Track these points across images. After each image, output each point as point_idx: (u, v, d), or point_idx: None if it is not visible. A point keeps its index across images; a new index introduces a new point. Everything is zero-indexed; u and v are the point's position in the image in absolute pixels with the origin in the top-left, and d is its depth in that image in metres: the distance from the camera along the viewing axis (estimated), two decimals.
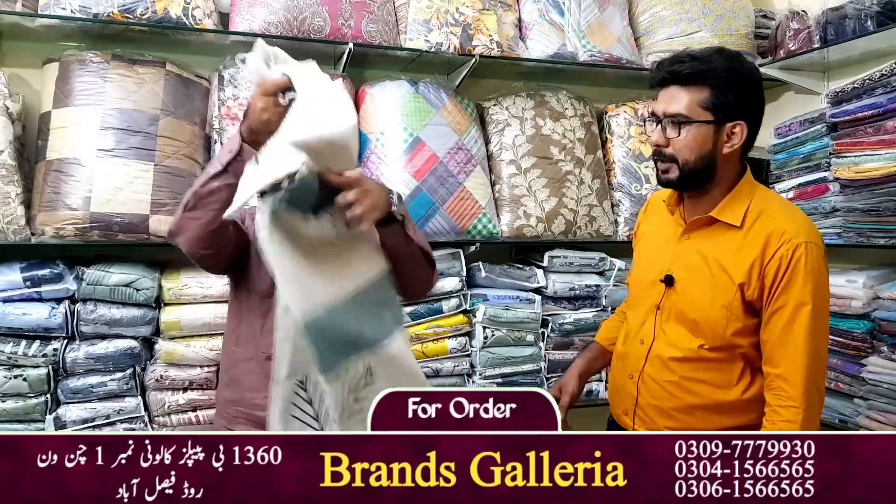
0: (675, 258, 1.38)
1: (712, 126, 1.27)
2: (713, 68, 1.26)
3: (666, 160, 1.31)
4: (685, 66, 1.27)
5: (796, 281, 1.25)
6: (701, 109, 1.26)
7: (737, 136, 1.28)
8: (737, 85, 1.28)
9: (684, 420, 1.34)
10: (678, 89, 1.28)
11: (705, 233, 1.35)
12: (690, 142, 1.27)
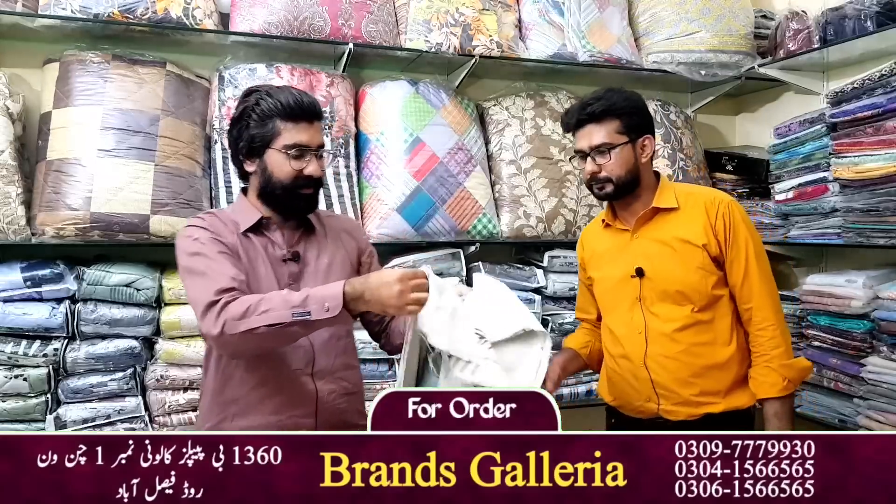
0: (634, 255, 1.62)
1: (630, 145, 1.59)
2: (614, 102, 1.59)
3: (601, 182, 1.60)
4: (595, 107, 1.59)
5: (739, 231, 1.57)
6: (617, 135, 1.58)
7: (648, 146, 1.62)
8: (636, 110, 1.62)
9: (700, 383, 1.55)
10: (594, 126, 1.59)
11: (651, 225, 1.62)
12: (618, 161, 1.58)
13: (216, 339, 1.23)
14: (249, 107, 1.39)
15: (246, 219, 1.40)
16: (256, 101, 1.38)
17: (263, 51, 2.24)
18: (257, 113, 1.38)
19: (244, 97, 1.42)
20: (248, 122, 1.38)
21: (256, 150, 1.38)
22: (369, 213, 2.25)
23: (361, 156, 2.31)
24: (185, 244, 1.35)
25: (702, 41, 2.56)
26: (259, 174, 1.40)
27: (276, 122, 1.37)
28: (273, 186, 1.38)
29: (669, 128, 2.65)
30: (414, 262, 2.27)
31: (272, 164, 1.38)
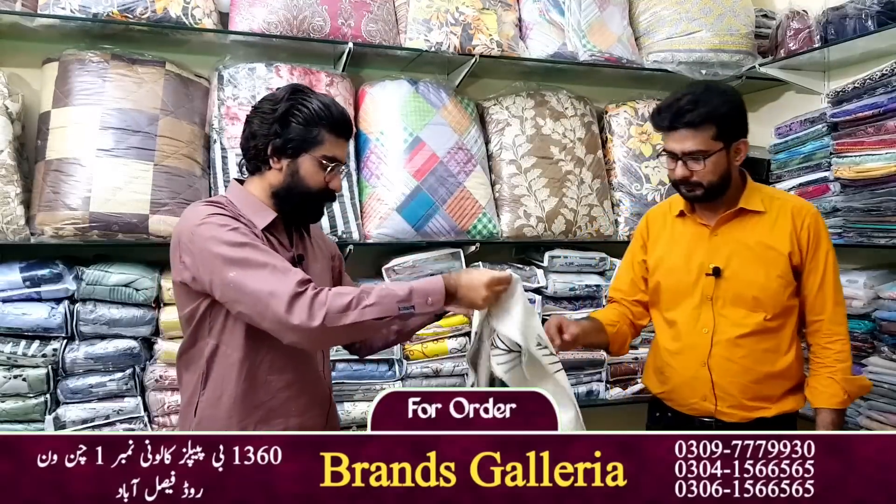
0: (711, 253, 1.59)
1: (724, 151, 1.52)
2: (715, 109, 1.50)
3: (692, 186, 1.55)
4: (693, 115, 1.50)
5: (822, 243, 1.56)
6: (713, 142, 1.51)
7: (742, 150, 1.56)
8: (732, 113, 1.53)
9: (758, 389, 1.56)
10: (688, 132, 1.51)
11: (733, 225, 1.58)
12: (711, 168, 1.52)
13: (312, 331, 1.19)
14: (296, 106, 1.35)
15: (261, 217, 1.37)
16: (303, 103, 1.36)
17: (263, 50, 2.23)
18: (304, 115, 1.35)
19: (291, 94, 1.38)
20: (290, 121, 1.35)
21: (291, 151, 1.36)
22: (369, 212, 2.24)
23: (361, 155, 2.31)
24: (219, 233, 1.26)
25: (702, 40, 2.56)
26: (284, 175, 1.37)
27: (322, 131, 1.36)
28: (297, 191, 1.37)
29: None
30: (413, 262, 2.27)
31: (305, 170, 1.36)
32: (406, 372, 2.21)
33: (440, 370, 2.26)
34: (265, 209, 1.38)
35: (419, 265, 2.28)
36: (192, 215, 1.32)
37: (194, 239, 1.28)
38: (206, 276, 1.27)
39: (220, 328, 1.33)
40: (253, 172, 1.41)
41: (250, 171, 1.42)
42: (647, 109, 2.66)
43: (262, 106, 1.38)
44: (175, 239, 1.34)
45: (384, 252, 2.37)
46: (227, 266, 1.24)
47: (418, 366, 2.23)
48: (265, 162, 1.37)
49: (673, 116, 1.52)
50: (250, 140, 1.38)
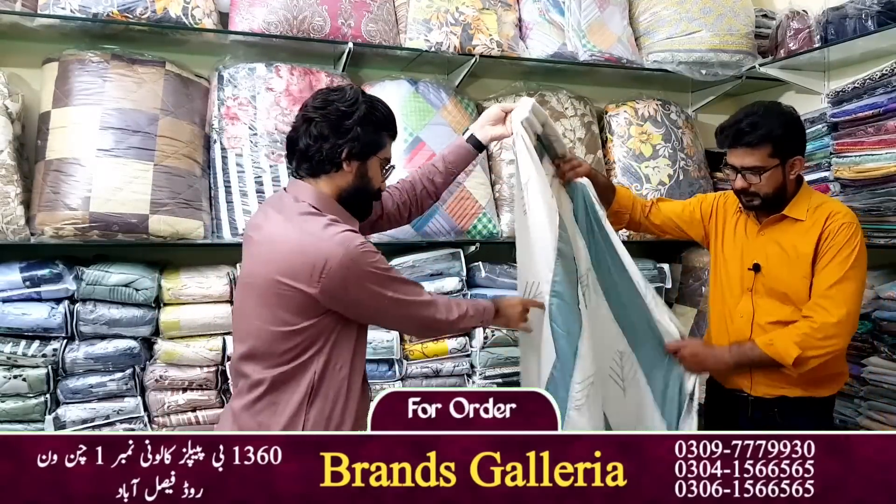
0: (755, 251, 1.76)
1: (780, 167, 1.67)
2: (771, 131, 1.65)
3: (750, 196, 1.72)
4: (751, 137, 1.66)
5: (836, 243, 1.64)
6: (769, 159, 1.66)
7: (797, 166, 1.70)
8: (790, 134, 1.69)
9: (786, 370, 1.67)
10: (747, 150, 1.67)
11: (777, 227, 1.74)
12: (767, 182, 1.68)
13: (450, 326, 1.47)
14: (371, 111, 1.40)
15: (353, 224, 1.42)
16: (376, 108, 1.41)
17: (263, 50, 2.23)
18: (377, 119, 1.41)
19: (362, 98, 1.41)
20: (367, 126, 1.39)
21: (364, 154, 1.39)
22: None
23: None
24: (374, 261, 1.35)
25: (702, 40, 2.56)
26: (354, 176, 1.40)
27: (384, 135, 1.43)
28: (365, 192, 1.43)
29: (670, 127, 2.65)
30: (413, 262, 2.27)
31: (373, 171, 1.42)
32: (406, 372, 2.21)
33: (440, 370, 2.26)
34: (348, 216, 1.42)
35: (419, 265, 2.28)
36: (336, 239, 1.32)
37: (351, 265, 1.30)
38: (357, 296, 1.34)
39: (333, 343, 1.35)
40: (317, 174, 1.40)
41: (312, 172, 1.41)
42: (647, 109, 2.66)
43: (329, 108, 1.38)
44: (315, 260, 1.30)
45: (384, 252, 2.35)
46: (387, 287, 1.37)
47: (418, 366, 2.23)
48: (336, 164, 1.38)
49: (734, 136, 1.68)
50: (319, 142, 1.37)
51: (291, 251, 1.32)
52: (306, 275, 1.29)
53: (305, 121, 1.39)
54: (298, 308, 1.32)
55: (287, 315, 1.32)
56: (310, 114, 1.39)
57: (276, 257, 1.34)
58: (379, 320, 1.46)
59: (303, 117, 1.40)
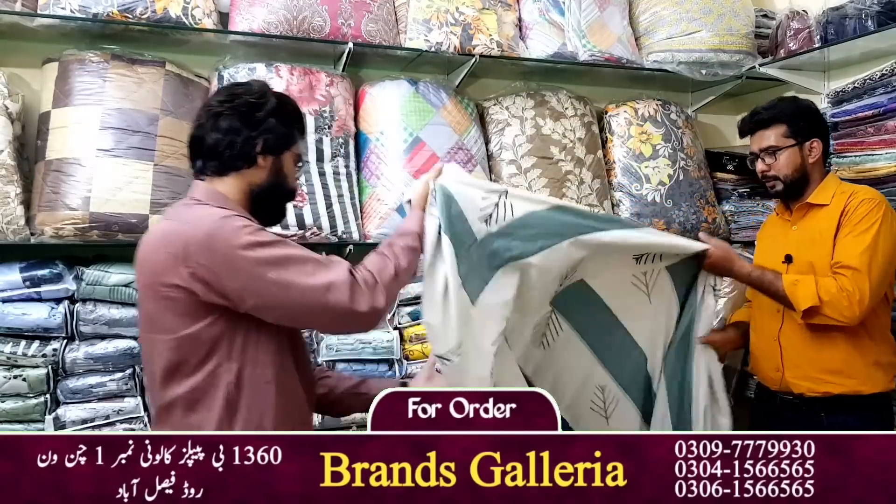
0: (787, 243, 1.81)
1: (797, 147, 1.77)
2: (783, 109, 1.79)
3: (771, 179, 1.80)
4: (763, 115, 1.80)
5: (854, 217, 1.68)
6: (784, 138, 1.77)
7: (815, 149, 1.78)
8: (802, 115, 1.79)
9: (824, 361, 1.70)
10: (763, 131, 1.79)
11: (806, 217, 1.80)
12: (785, 162, 1.77)
13: (378, 312, 1.21)
14: (282, 103, 1.33)
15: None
16: (285, 100, 1.35)
17: (263, 50, 2.23)
18: (287, 112, 1.34)
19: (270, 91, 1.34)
20: (280, 118, 1.31)
21: (279, 147, 1.31)
22: (369, 213, 2.24)
23: (361, 156, 2.31)
24: (245, 235, 1.17)
25: (702, 40, 2.56)
26: (268, 173, 1.31)
27: (295, 130, 1.37)
28: (278, 190, 1.33)
29: (670, 127, 2.65)
30: None
31: (287, 167, 1.34)
32: (406, 372, 2.21)
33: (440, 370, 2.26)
34: (247, 215, 1.28)
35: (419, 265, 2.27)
36: (198, 220, 1.20)
37: (213, 244, 1.16)
38: (232, 282, 1.15)
39: (242, 347, 1.20)
40: (225, 171, 1.29)
41: (220, 170, 1.29)
42: (647, 109, 2.66)
43: (237, 101, 1.29)
44: (176, 247, 1.17)
45: None
46: (263, 267, 1.16)
47: (418, 366, 2.23)
48: (249, 159, 1.28)
49: (750, 120, 1.82)
50: (230, 135, 1.27)
51: (157, 243, 1.22)
52: (173, 265, 1.16)
53: (211, 116, 1.28)
54: (184, 309, 1.18)
55: (173, 320, 1.18)
56: (216, 108, 1.29)
57: (146, 257, 1.24)
58: (273, 314, 1.20)
59: (208, 113, 1.29)
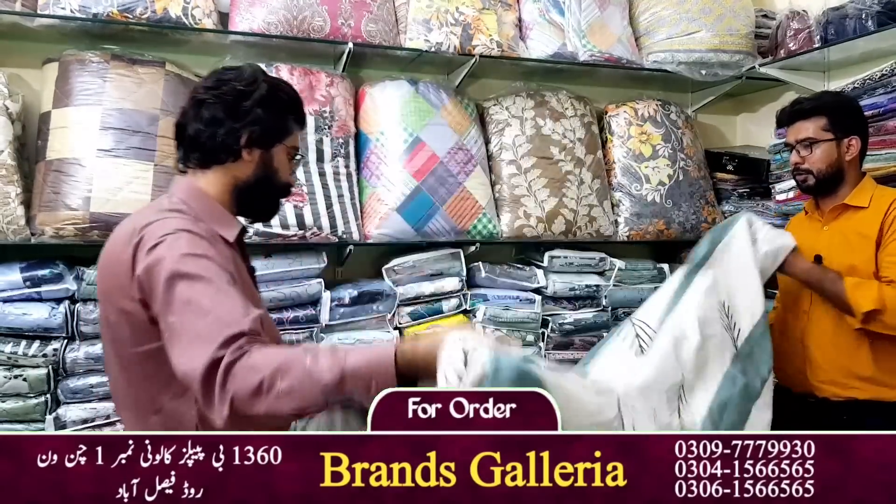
0: (818, 244, 1.75)
1: (834, 142, 1.71)
2: (826, 102, 1.75)
3: (803, 173, 1.75)
4: (805, 105, 1.75)
5: None
6: (823, 132, 1.72)
7: (853, 147, 1.73)
8: (845, 110, 1.74)
9: (849, 365, 1.67)
10: (803, 122, 1.74)
11: (840, 219, 1.75)
12: (821, 156, 1.72)
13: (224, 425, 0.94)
14: (274, 91, 1.22)
15: (228, 227, 1.20)
16: (279, 88, 1.23)
17: (263, 50, 2.23)
18: (281, 101, 1.23)
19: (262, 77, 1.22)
20: (270, 107, 1.20)
21: (267, 140, 1.21)
22: (369, 213, 2.25)
23: (361, 156, 2.31)
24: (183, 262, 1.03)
25: (702, 41, 2.56)
26: (256, 166, 1.21)
27: (290, 120, 1.25)
28: (269, 185, 1.23)
29: (670, 128, 2.65)
30: (414, 262, 2.27)
31: (279, 161, 1.24)
32: None
33: None
34: (229, 217, 1.21)
35: (419, 265, 2.28)
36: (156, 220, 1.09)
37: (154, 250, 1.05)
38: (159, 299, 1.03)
39: None
40: (208, 164, 1.20)
41: (203, 162, 1.21)
42: (647, 110, 2.66)
43: (223, 88, 1.19)
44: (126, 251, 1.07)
45: (384, 252, 2.37)
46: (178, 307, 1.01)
47: None
48: (233, 153, 1.19)
49: (791, 109, 1.77)
50: (213, 126, 1.17)
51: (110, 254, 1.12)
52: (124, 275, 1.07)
53: (196, 104, 1.19)
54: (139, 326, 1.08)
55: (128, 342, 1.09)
56: (201, 95, 1.19)
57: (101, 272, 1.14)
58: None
59: (192, 100, 1.20)
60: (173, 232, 1.07)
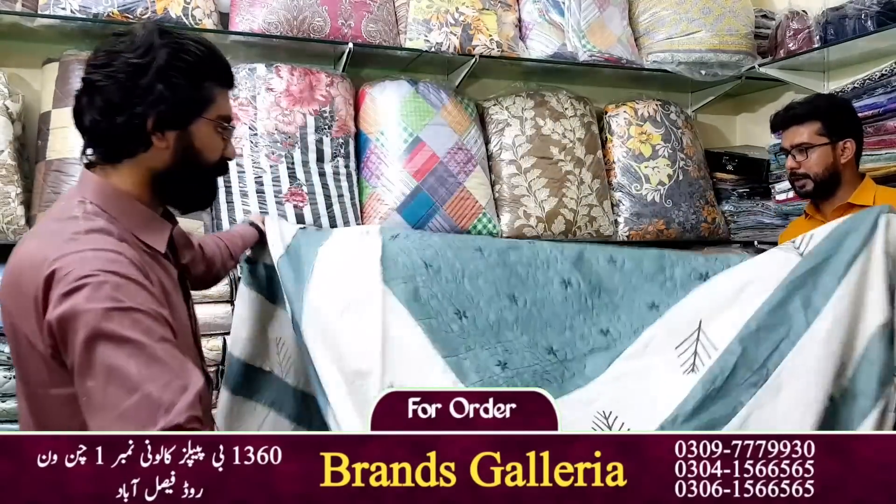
0: None
1: (829, 146, 1.73)
2: (819, 106, 1.75)
3: (801, 178, 1.76)
4: (799, 109, 1.76)
5: None
6: (818, 136, 1.73)
7: (849, 149, 1.74)
8: (839, 113, 1.75)
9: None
10: (797, 127, 1.75)
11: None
12: (817, 160, 1.73)
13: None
14: (176, 55, 0.99)
15: (156, 233, 1.03)
16: (183, 49, 1.00)
17: (263, 50, 2.23)
18: (189, 66, 1.00)
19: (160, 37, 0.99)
20: (174, 78, 0.98)
21: (180, 119, 1.00)
22: (369, 213, 2.25)
23: (361, 156, 2.31)
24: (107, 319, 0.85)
25: (702, 41, 2.56)
26: (174, 152, 1.01)
27: (212, 85, 1.04)
28: (194, 170, 1.04)
29: (670, 128, 2.65)
30: None
31: (202, 138, 1.03)
32: None
33: None
34: (155, 221, 1.05)
35: None
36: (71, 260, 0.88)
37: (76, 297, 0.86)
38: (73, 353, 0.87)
39: None
40: (116, 158, 1.01)
41: (108, 157, 1.02)
42: (647, 110, 2.66)
43: (115, 64, 0.97)
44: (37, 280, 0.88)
45: None
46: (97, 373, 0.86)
47: None
48: (141, 142, 0.99)
49: (785, 114, 1.79)
50: (109, 115, 0.97)
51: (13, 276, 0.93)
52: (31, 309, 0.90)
53: (87, 87, 0.98)
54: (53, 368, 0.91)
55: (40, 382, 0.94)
56: (91, 75, 0.98)
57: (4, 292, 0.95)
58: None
59: (83, 82, 0.99)
60: (95, 275, 0.86)
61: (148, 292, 0.91)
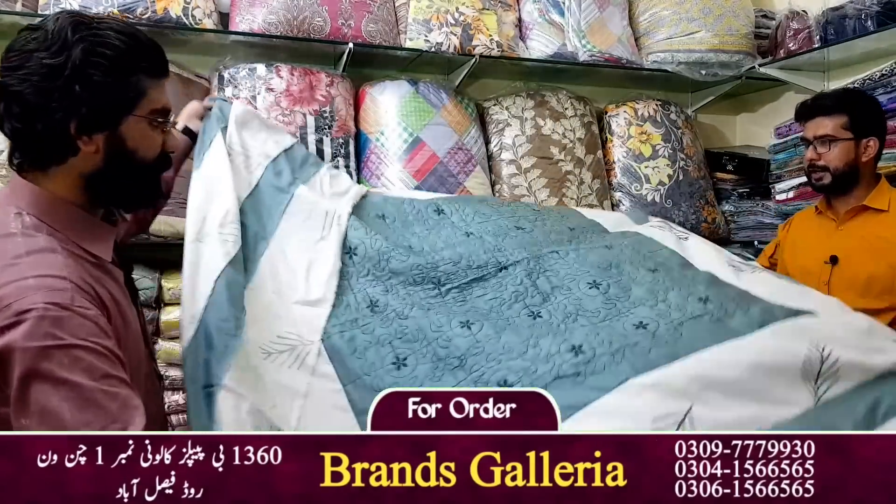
0: (832, 244, 1.73)
1: (853, 142, 1.70)
2: (849, 100, 1.73)
3: (819, 170, 1.73)
4: (829, 100, 1.73)
5: None
6: (843, 130, 1.70)
7: (871, 148, 1.71)
8: (867, 110, 1.72)
9: None
10: (823, 119, 1.72)
11: (857, 221, 1.73)
12: (838, 154, 1.69)
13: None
14: (94, 49, 0.91)
15: (100, 242, 0.98)
16: (101, 40, 0.91)
17: (263, 50, 2.23)
18: (110, 60, 0.92)
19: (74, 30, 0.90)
20: (93, 76, 0.90)
21: (106, 119, 0.94)
22: None
23: (361, 156, 2.31)
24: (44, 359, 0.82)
25: (702, 41, 2.57)
26: (104, 154, 0.95)
27: (140, 77, 0.95)
28: (128, 170, 0.97)
29: (670, 128, 2.65)
30: None
31: (135, 137, 0.96)
32: None
33: None
34: (97, 227, 0.99)
35: None
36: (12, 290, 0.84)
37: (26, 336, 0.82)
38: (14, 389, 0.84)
39: None
40: (44, 165, 0.95)
41: (35, 164, 0.95)
42: (647, 110, 2.66)
43: (29, 66, 0.90)
44: None
45: None
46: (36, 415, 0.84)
47: None
48: (67, 147, 0.93)
49: (813, 104, 1.75)
50: (29, 122, 0.91)
51: None
52: None
53: (2, 93, 0.92)
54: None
55: None
56: (5, 79, 0.91)
57: None
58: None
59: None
60: (34, 308, 0.82)
61: (93, 323, 0.86)
